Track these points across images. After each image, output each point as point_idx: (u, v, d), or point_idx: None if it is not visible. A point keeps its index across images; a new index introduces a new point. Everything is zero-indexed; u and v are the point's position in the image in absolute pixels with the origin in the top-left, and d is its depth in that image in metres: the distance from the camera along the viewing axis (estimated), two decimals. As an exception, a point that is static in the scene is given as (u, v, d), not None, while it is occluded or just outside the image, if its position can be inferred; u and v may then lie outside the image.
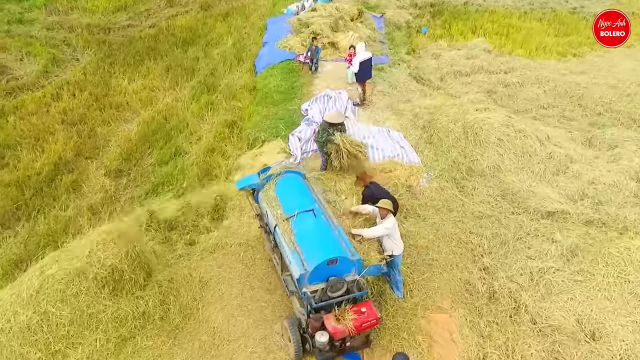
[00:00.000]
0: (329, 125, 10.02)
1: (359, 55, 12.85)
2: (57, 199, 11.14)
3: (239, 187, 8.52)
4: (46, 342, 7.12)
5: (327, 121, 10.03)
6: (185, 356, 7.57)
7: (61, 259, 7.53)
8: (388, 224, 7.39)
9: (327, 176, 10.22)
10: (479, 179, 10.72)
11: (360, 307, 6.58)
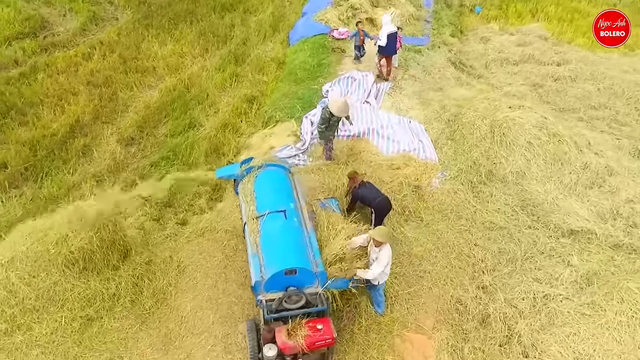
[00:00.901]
0: (330, 115, 9.33)
1: (385, 28, 11.96)
2: (67, 162, 11.17)
3: (218, 177, 8.14)
4: (12, 315, 7.16)
5: (330, 111, 9.34)
6: (150, 343, 7.43)
7: (35, 232, 7.47)
8: (384, 259, 6.67)
9: (331, 167, 9.65)
10: (499, 185, 9.77)
11: (317, 323, 6.09)
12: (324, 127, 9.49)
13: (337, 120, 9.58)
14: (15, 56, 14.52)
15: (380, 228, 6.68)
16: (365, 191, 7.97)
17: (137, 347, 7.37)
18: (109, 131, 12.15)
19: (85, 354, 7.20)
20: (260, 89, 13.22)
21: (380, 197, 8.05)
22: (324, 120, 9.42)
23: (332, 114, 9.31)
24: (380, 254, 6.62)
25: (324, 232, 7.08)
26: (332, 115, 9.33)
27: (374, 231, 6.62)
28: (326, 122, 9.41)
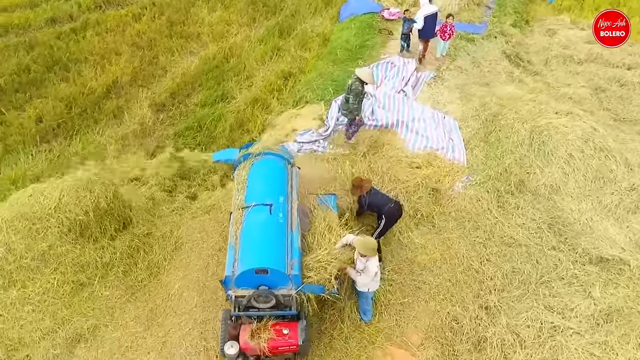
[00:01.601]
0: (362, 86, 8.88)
1: (423, 9, 11.17)
2: (97, 122, 11.41)
3: (215, 160, 7.93)
4: (9, 271, 7.38)
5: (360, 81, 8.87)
6: (135, 315, 7.50)
7: (37, 194, 7.61)
8: (372, 270, 6.27)
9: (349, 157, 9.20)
10: (528, 198, 8.97)
11: (285, 327, 5.83)
12: (356, 101, 9.04)
13: (365, 94, 9.15)
14: (71, 11, 14.90)
15: (366, 240, 6.21)
16: (372, 198, 7.44)
17: (123, 318, 7.46)
18: (144, 95, 12.25)
19: (72, 317, 7.36)
20: (299, 66, 12.83)
21: (391, 204, 7.51)
22: (357, 94, 8.96)
23: (363, 83, 8.85)
24: (367, 264, 6.22)
25: (316, 231, 6.75)
26: (362, 85, 8.87)
27: (359, 242, 6.16)
28: (359, 95, 8.99)
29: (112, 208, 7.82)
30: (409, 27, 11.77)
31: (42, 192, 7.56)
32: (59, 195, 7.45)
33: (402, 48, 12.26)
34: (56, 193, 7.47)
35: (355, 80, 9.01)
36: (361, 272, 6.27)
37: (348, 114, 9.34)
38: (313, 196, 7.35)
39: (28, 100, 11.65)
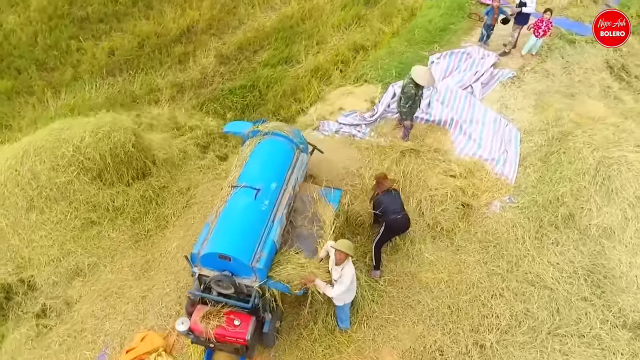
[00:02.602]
0: (416, 88, 8.17)
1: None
2: (163, 64, 11.68)
3: (225, 131, 7.71)
4: (31, 196, 7.87)
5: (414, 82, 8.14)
6: (132, 263, 7.76)
7: (66, 129, 7.95)
8: (348, 278, 5.78)
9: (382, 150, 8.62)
10: (574, 236, 7.88)
11: (237, 318, 5.66)
12: (408, 104, 8.36)
13: (421, 94, 8.42)
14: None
15: (341, 240, 5.76)
16: (387, 200, 6.84)
17: (120, 263, 7.76)
18: (213, 44, 12.29)
19: (77, 251, 7.77)
20: (374, 40, 12.12)
21: (398, 215, 6.88)
22: (409, 97, 8.29)
23: (417, 85, 8.14)
24: (343, 272, 5.80)
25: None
26: (416, 88, 8.17)
27: (339, 242, 5.73)
28: (412, 99, 8.30)
29: (131, 157, 7.99)
30: (491, 17, 10.58)
31: (71, 128, 7.88)
32: (82, 134, 7.72)
33: (482, 37, 11.08)
34: (81, 132, 7.75)
35: (409, 82, 8.30)
36: (336, 282, 5.86)
37: (403, 114, 8.68)
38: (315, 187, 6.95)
39: (107, 32, 12.16)
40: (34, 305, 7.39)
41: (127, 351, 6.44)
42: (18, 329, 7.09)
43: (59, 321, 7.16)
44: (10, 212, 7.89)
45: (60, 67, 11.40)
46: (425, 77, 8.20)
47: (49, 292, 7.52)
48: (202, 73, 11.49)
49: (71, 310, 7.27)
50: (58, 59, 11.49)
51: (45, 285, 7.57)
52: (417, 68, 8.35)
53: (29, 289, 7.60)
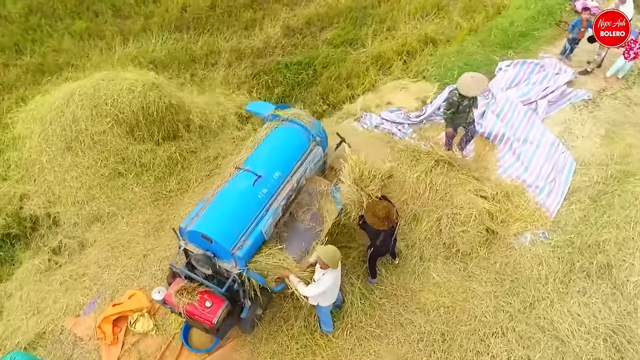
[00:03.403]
0: (459, 98, 7.61)
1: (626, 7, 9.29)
2: (229, 28, 11.71)
3: (247, 109, 7.56)
4: (70, 137, 8.24)
5: (458, 92, 7.58)
6: (147, 219, 8.02)
7: (111, 80, 8.20)
8: (325, 283, 5.52)
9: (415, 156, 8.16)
10: (606, 289, 7.08)
11: (210, 299, 5.66)
12: (450, 112, 7.83)
13: (468, 104, 7.82)
14: None
15: (328, 248, 5.44)
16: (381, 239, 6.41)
17: (137, 217, 8.04)
18: (283, 15, 12.12)
19: (100, 198, 8.14)
20: (448, 35, 11.38)
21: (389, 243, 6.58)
22: (451, 105, 7.73)
23: (461, 95, 7.59)
24: (323, 278, 5.58)
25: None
26: (461, 97, 7.62)
27: (321, 249, 5.47)
28: (454, 107, 7.73)
29: (163, 118, 8.13)
30: (578, 30, 9.52)
31: (114, 80, 8.12)
32: (120, 89, 7.94)
33: (564, 50, 10.03)
34: (120, 86, 7.97)
35: (454, 89, 7.73)
36: (314, 282, 5.65)
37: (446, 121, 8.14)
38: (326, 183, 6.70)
39: (185, -14, 12.32)
40: (53, 240, 7.86)
41: (114, 305, 6.69)
42: (33, 260, 7.59)
43: (69, 261, 7.58)
44: (51, 150, 8.35)
45: (133, 16, 11.78)
46: (469, 87, 7.51)
47: (68, 231, 7.96)
48: (265, 43, 11.39)
49: (82, 253, 7.66)
50: (133, 8, 11.87)
51: (67, 224, 8.02)
52: (465, 76, 7.73)
53: (53, 224, 8.09)
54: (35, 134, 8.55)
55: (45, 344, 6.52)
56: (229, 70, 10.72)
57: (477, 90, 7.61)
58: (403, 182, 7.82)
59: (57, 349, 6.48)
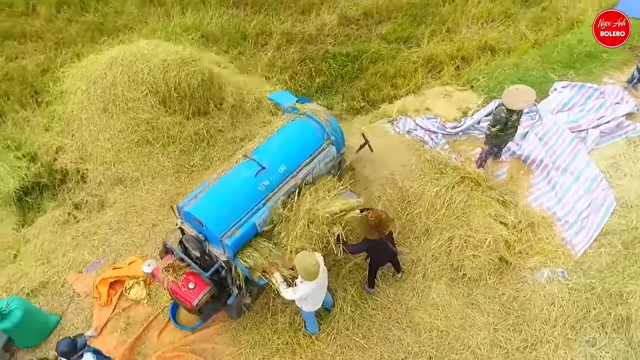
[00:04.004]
0: (507, 113, 7.19)
1: None
2: (286, 9, 11.63)
3: (269, 98, 7.45)
4: (108, 100, 8.48)
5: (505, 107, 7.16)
6: (165, 190, 8.27)
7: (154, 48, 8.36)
8: (301, 292, 5.41)
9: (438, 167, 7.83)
10: (619, 345, 6.54)
11: (194, 280, 5.73)
12: (497, 129, 7.43)
13: (517, 118, 7.39)
14: None
15: (304, 260, 5.23)
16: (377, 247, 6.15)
17: (157, 186, 8.29)
18: (342, 3, 11.89)
19: (126, 162, 8.41)
20: (510, 45, 10.73)
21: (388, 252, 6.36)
22: (497, 121, 7.31)
23: (509, 110, 7.17)
24: (300, 285, 5.45)
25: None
26: (509, 112, 7.20)
27: (298, 259, 5.29)
28: (501, 123, 7.32)
29: (194, 94, 8.22)
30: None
31: (155, 49, 8.28)
32: (158, 60, 8.08)
33: (631, 79, 9.19)
34: (159, 57, 8.11)
35: (501, 104, 7.28)
36: (294, 286, 5.57)
37: (488, 138, 7.72)
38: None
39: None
40: (77, 195, 8.22)
41: (114, 268, 6.92)
42: (55, 211, 7.98)
43: (86, 217, 7.90)
44: (90, 109, 8.68)
45: (196, -14, 11.92)
46: (515, 99, 7.09)
47: (92, 189, 8.30)
48: (318, 29, 11.24)
49: (99, 212, 7.96)
50: (197, -23, 12.00)
51: (93, 182, 8.36)
52: (509, 88, 7.29)
53: (81, 180, 8.46)
54: (79, 91, 8.88)
55: (46, 294, 6.87)
56: (277, 53, 10.67)
57: (524, 103, 7.17)
58: (420, 195, 7.53)
59: (55, 300, 6.82)
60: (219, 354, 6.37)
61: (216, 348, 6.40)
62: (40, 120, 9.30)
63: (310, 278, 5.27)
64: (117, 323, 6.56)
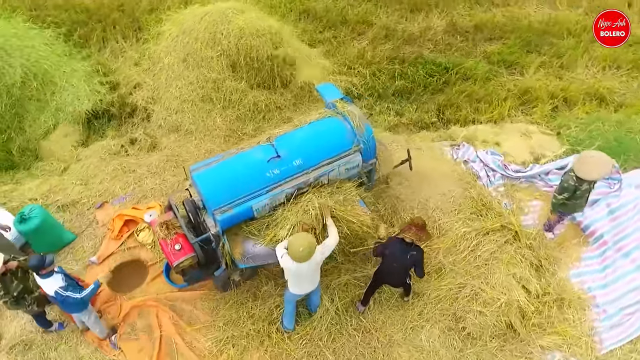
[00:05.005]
0: (577, 181, 6.40)
1: None
2: (397, 3, 11.23)
3: (316, 88, 7.18)
4: (188, 52, 8.85)
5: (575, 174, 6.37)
6: (211, 149, 8.49)
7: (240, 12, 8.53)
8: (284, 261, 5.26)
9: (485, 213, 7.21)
10: None
11: (182, 244, 5.83)
12: (563, 197, 6.61)
13: (588, 188, 6.57)
14: None
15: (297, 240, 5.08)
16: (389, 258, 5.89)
17: (206, 143, 8.63)
18: (457, 10, 11.24)
19: (187, 113, 8.88)
20: (624, 100, 9.40)
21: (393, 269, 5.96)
22: (565, 189, 6.51)
23: (579, 178, 6.40)
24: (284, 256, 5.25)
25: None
26: (579, 181, 6.42)
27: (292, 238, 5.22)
28: (569, 192, 6.51)
29: (262, 67, 8.31)
30: None
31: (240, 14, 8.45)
32: (237, 24, 8.23)
33: None
34: (238, 22, 8.26)
35: (569, 171, 6.51)
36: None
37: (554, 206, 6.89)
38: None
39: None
40: (136, 131, 8.80)
41: (133, 208, 7.30)
42: (112, 140, 8.58)
43: (135, 154, 8.41)
44: (173, 56, 9.13)
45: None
46: (588, 169, 6.23)
47: (151, 130, 8.81)
48: (421, 31, 10.73)
49: (147, 153, 8.44)
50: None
51: (154, 123, 8.89)
52: (585, 154, 6.44)
53: (145, 119, 9.00)
54: (171, 37, 9.36)
55: (73, 212, 7.45)
56: (369, 46, 10.38)
57: (596, 174, 6.31)
58: (447, 230, 7.01)
59: (78, 220, 7.37)
60: (195, 318, 6.52)
61: (194, 312, 6.55)
62: (133, 55, 9.97)
63: (294, 257, 5.13)
64: (118, 258, 6.95)
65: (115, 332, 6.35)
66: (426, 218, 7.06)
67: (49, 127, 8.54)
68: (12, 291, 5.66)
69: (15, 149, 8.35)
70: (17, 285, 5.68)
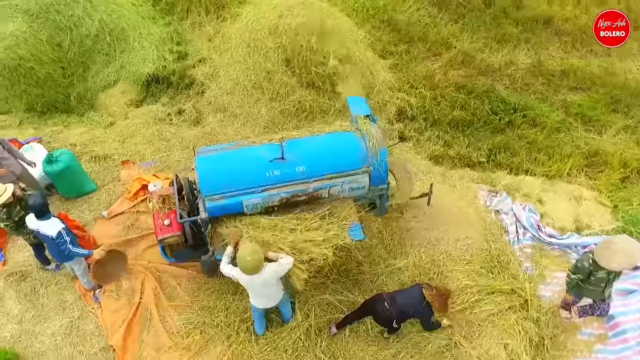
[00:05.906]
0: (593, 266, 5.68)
1: None
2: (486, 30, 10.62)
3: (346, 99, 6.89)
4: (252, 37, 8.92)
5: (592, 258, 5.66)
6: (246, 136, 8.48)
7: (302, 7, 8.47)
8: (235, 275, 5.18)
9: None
10: None
11: (172, 221, 5.94)
12: (576, 277, 5.86)
13: (605, 278, 5.70)
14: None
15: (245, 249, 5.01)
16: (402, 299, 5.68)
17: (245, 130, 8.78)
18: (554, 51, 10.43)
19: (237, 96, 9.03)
20: None
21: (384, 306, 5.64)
22: (578, 269, 5.81)
23: (596, 263, 5.63)
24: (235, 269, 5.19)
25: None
26: (595, 265, 5.65)
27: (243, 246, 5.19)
28: (582, 273, 5.78)
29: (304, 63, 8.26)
30: None
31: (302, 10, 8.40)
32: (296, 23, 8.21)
33: None
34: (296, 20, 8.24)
35: (589, 251, 5.83)
36: None
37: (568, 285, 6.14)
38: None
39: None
40: (187, 104, 9.14)
41: (154, 175, 7.53)
42: (162, 107, 8.98)
43: (177, 125, 8.76)
44: (241, 38, 9.25)
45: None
46: (608, 255, 5.43)
47: (200, 105, 9.18)
48: (502, 65, 10.04)
49: (189, 127, 8.79)
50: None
51: (206, 99, 9.22)
52: (610, 239, 5.66)
53: (200, 93, 9.33)
54: (246, 18, 9.49)
55: (102, 164, 7.87)
56: (442, 69, 9.91)
57: (616, 264, 5.50)
58: (447, 279, 6.51)
59: (103, 174, 7.77)
60: (175, 295, 6.62)
61: (177, 289, 6.66)
62: (210, 30, 10.30)
63: (243, 269, 5.05)
64: (126, 219, 7.21)
65: (101, 287, 6.60)
66: (429, 260, 6.65)
67: (109, 82, 9.05)
68: (14, 216, 6.06)
69: (74, 95, 8.94)
70: (19, 211, 6.07)
